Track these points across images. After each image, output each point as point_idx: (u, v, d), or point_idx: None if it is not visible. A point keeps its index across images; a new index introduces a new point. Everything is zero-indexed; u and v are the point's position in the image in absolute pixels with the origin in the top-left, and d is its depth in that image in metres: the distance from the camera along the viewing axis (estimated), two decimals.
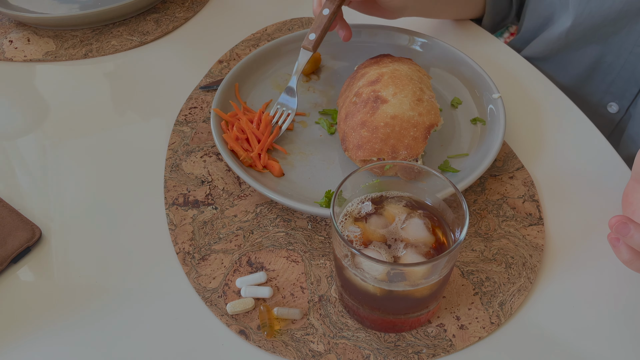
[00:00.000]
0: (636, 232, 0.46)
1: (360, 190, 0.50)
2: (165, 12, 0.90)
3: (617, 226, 0.46)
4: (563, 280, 0.55)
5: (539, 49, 0.80)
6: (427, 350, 0.50)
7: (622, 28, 0.69)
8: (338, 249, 0.46)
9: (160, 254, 0.58)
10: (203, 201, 0.62)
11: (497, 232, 0.58)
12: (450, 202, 0.47)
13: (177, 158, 0.67)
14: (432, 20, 0.86)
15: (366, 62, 0.68)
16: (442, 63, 0.75)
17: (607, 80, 0.75)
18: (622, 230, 0.46)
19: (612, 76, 0.74)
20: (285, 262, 0.57)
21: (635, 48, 0.70)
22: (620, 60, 0.72)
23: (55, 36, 0.86)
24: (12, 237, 0.58)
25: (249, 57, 0.74)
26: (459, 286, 0.54)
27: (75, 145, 0.70)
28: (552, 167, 0.65)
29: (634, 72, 0.72)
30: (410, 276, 0.44)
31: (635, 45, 0.70)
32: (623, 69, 0.72)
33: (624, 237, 0.46)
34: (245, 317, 0.53)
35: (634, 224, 0.46)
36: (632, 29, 0.69)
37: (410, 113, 0.59)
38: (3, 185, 0.66)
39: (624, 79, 0.73)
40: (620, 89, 0.74)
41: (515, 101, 0.73)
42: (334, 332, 0.52)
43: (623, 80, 0.73)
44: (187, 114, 0.72)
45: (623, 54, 0.71)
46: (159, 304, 0.54)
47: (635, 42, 0.69)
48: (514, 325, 0.52)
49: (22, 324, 0.53)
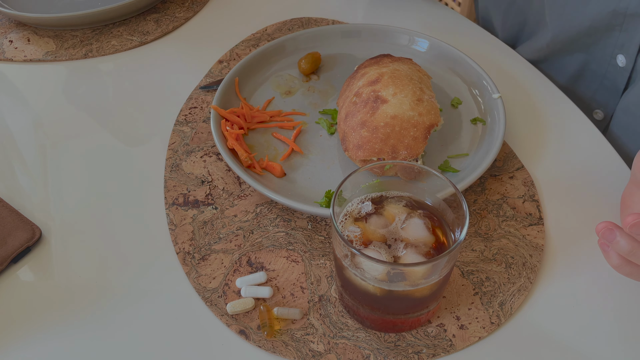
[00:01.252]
0: (622, 239, 0.46)
1: (360, 190, 0.50)
2: (165, 12, 0.90)
3: (603, 232, 0.47)
4: (563, 280, 0.55)
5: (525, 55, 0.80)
6: (427, 350, 0.50)
7: (598, 40, 0.70)
8: (338, 249, 0.46)
9: (160, 254, 0.58)
10: (203, 201, 0.62)
11: (497, 232, 0.59)
12: (450, 202, 0.47)
13: (177, 158, 0.67)
14: (432, 20, 0.86)
15: (366, 62, 0.68)
16: (442, 63, 0.75)
17: (592, 87, 0.75)
18: (608, 237, 0.47)
19: (596, 84, 0.74)
20: (285, 262, 0.57)
21: (612, 60, 0.70)
22: (601, 70, 0.72)
23: (55, 36, 0.86)
24: (12, 237, 0.58)
25: (249, 57, 0.74)
26: (459, 286, 0.54)
27: (76, 145, 0.70)
28: (552, 167, 0.65)
29: (614, 82, 0.72)
30: (410, 276, 0.44)
31: (612, 57, 0.70)
32: (605, 78, 0.72)
33: (610, 243, 0.47)
34: (245, 317, 0.53)
35: (619, 230, 0.46)
36: (606, 43, 0.69)
37: (410, 113, 0.59)
38: (3, 185, 0.66)
39: (606, 87, 0.73)
40: (604, 97, 0.74)
41: (515, 101, 0.73)
42: (334, 332, 0.52)
43: (606, 89, 0.73)
44: (187, 114, 0.72)
45: (603, 64, 0.71)
46: (158, 303, 0.54)
47: (611, 54, 0.69)
48: (514, 325, 0.52)
49: (22, 324, 0.53)
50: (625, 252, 0.47)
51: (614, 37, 0.67)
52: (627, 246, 0.46)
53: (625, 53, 0.67)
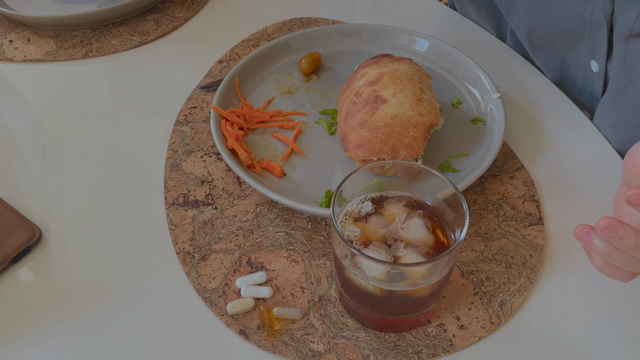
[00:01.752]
0: (598, 241, 0.46)
1: (360, 190, 0.50)
2: (165, 12, 0.90)
3: (580, 235, 0.46)
4: (563, 280, 0.55)
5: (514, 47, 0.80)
6: (427, 350, 0.50)
7: (572, 44, 0.69)
8: (338, 249, 0.46)
9: (160, 254, 0.58)
10: (203, 201, 0.62)
11: (497, 232, 0.59)
12: (450, 202, 0.47)
13: (177, 158, 0.67)
14: (432, 20, 0.86)
15: (366, 62, 0.68)
16: (442, 63, 0.75)
17: (575, 90, 0.74)
18: (585, 239, 0.46)
19: (578, 87, 0.74)
20: (285, 262, 0.57)
21: (587, 65, 0.69)
22: (580, 74, 0.72)
23: (55, 36, 0.86)
24: (12, 237, 0.58)
25: (249, 57, 0.74)
26: (459, 286, 0.54)
27: (76, 145, 0.70)
28: (552, 167, 0.65)
29: (592, 87, 0.71)
30: (410, 276, 0.44)
31: (586, 63, 0.69)
32: (584, 81, 0.72)
33: (588, 245, 0.47)
34: (245, 317, 0.53)
35: (595, 233, 0.45)
36: (580, 47, 0.68)
37: (410, 113, 0.59)
38: (3, 185, 0.66)
39: (586, 91, 0.73)
40: (587, 100, 0.74)
41: (515, 101, 0.73)
42: (334, 332, 0.52)
43: (586, 92, 0.73)
44: (187, 114, 0.72)
45: (580, 69, 0.71)
46: (158, 303, 0.54)
47: (585, 59, 0.69)
48: (514, 325, 0.52)
49: (22, 324, 0.53)
50: (602, 255, 0.46)
51: (585, 42, 0.67)
52: (603, 248, 0.46)
53: (597, 59, 0.67)
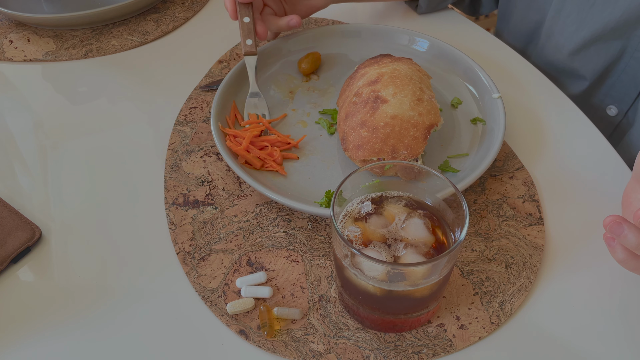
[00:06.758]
0: (630, 232, 0.46)
1: (360, 190, 0.50)
2: (165, 12, 0.90)
3: (611, 226, 0.47)
4: (563, 280, 0.55)
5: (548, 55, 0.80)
6: (427, 350, 0.50)
7: (623, 34, 0.70)
8: (338, 249, 0.46)
9: (160, 254, 0.58)
10: (203, 201, 0.62)
11: (497, 232, 0.58)
12: (450, 202, 0.47)
13: (177, 158, 0.67)
14: (432, 20, 0.86)
15: (366, 62, 0.68)
16: (442, 63, 0.75)
17: (607, 83, 0.75)
18: (616, 230, 0.47)
19: (613, 79, 0.74)
20: (285, 262, 0.57)
21: (636, 52, 0.70)
22: (621, 64, 0.72)
23: (55, 36, 0.86)
24: (12, 237, 0.58)
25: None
26: (459, 286, 0.54)
27: (76, 145, 0.70)
28: (552, 167, 0.65)
29: (634, 76, 0.72)
30: (410, 276, 0.44)
31: (636, 50, 0.70)
32: (624, 72, 0.72)
33: (618, 237, 0.47)
34: (245, 317, 0.53)
35: (627, 224, 0.46)
36: (632, 34, 0.69)
37: (410, 113, 0.59)
38: (3, 185, 0.66)
39: (624, 82, 0.73)
40: (620, 93, 0.74)
41: (515, 101, 0.73)
42: (334, 332, 0.51)
43: (623, 83, 0.73)
44: (187, 114, 0.72)
45: (624, 57, 0.71)
46: (158, 303, 0.54)
47: (636, 47, 0.69)
48: (514, 325, 0.52)
49: (22, 324, 0.53)
50: (633, 246, 0.47)
51: None
52: (635, 240, 0.46)
53: None
